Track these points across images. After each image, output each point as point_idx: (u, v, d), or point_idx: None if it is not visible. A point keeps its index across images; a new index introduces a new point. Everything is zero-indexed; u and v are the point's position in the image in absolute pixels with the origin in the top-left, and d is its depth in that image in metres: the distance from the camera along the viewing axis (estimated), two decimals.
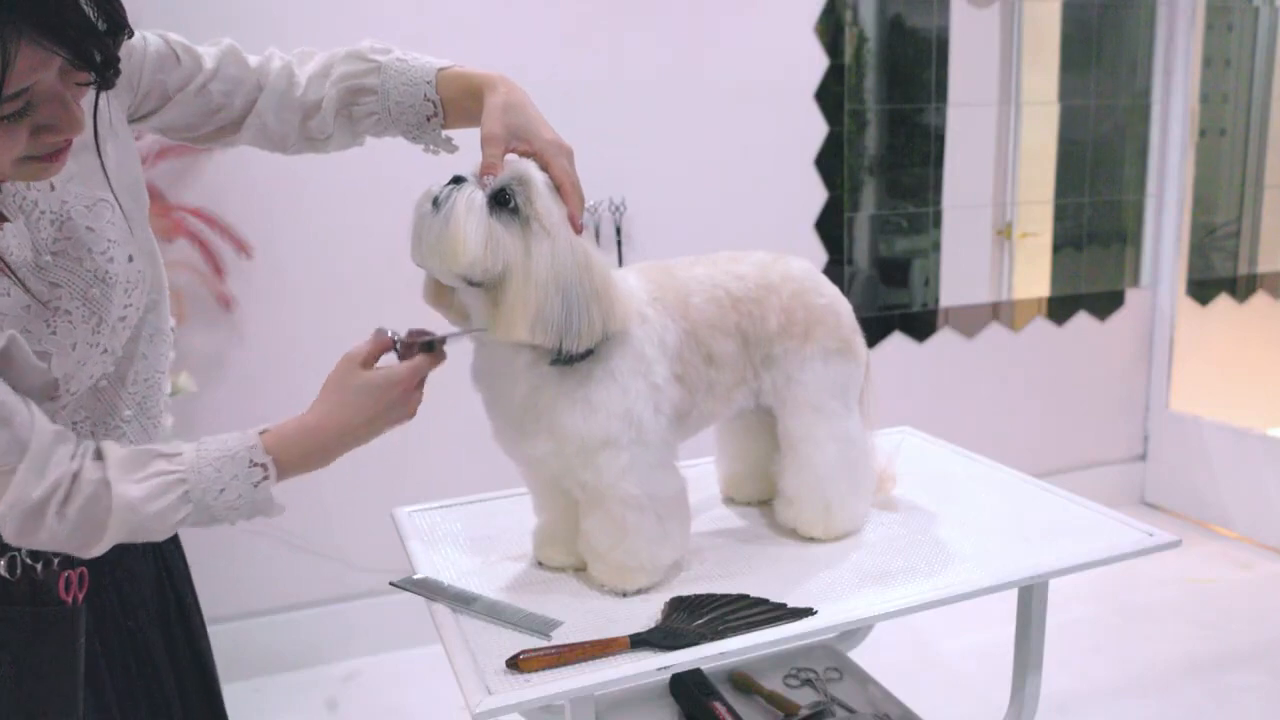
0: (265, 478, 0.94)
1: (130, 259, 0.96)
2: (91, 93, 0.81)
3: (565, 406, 1.08)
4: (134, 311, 0.97)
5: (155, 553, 1.09)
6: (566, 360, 1.05)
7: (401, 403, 1.00)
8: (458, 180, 1.03)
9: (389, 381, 0.99)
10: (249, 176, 2.40)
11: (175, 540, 1.14)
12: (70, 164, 0.89)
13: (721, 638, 1.01)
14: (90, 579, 0.99)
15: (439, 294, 1.11)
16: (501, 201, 1.01)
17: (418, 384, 1.02)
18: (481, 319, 1.07)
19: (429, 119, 1.11)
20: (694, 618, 1.04)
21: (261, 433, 0.96)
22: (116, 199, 0.95)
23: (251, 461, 0.94)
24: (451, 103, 1.10)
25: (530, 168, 1.03)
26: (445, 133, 1.14)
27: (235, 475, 0.93)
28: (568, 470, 1.12)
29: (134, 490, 0.90)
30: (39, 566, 0.95)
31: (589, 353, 1.06)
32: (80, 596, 0.97)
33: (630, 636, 1.01)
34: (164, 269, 1.04)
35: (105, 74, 0.78)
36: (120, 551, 0.96)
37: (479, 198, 1.01)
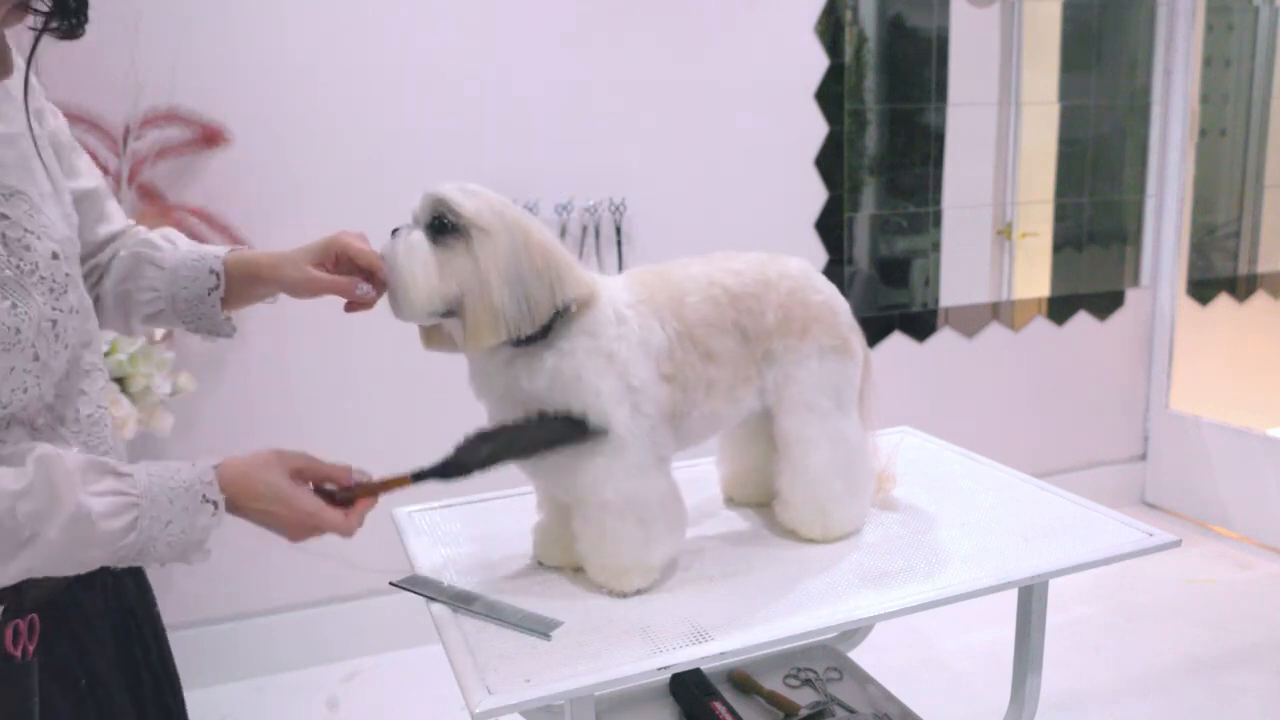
0: (213, 515, 0.87)
1: (54, 255, 0.86)
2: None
3: (535, 409, 1.08)
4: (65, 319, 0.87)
5: (114, 588, 0.99)
6: (527, 341, 1.06)
7: (290, 524, 0.93)
8: (395, 232, 1.05)
9: (294, 502, 0.93)
10: (249, 176, 2.40)
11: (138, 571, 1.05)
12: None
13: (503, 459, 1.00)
14: (40, 626, 0.86)
15: (431, 337, 1.12)
16: (439, 228, 1.03)
17: (310, 528, 0.94)
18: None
19: (210, 291, 1.07)
20: (485, 445, 1.04)
21: (215, 466, 0.90)
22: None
23: (204, 497, 0.87)
24: (237, 268, 1.07)
25: (439, 187, 1.04)
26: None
27: (186, 508, 0.85)
28: (545, 473, 1.13)
29: (94, 503, 0.79)
30: None
31: (547, 331, 1.06)
32: (30, 649, 0.85)
33: (412, 473, 1.01)
34: (94, 318, 0.98)
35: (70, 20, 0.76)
36: (73, 590, 0.90)
37: (416, 238, 1.03)
